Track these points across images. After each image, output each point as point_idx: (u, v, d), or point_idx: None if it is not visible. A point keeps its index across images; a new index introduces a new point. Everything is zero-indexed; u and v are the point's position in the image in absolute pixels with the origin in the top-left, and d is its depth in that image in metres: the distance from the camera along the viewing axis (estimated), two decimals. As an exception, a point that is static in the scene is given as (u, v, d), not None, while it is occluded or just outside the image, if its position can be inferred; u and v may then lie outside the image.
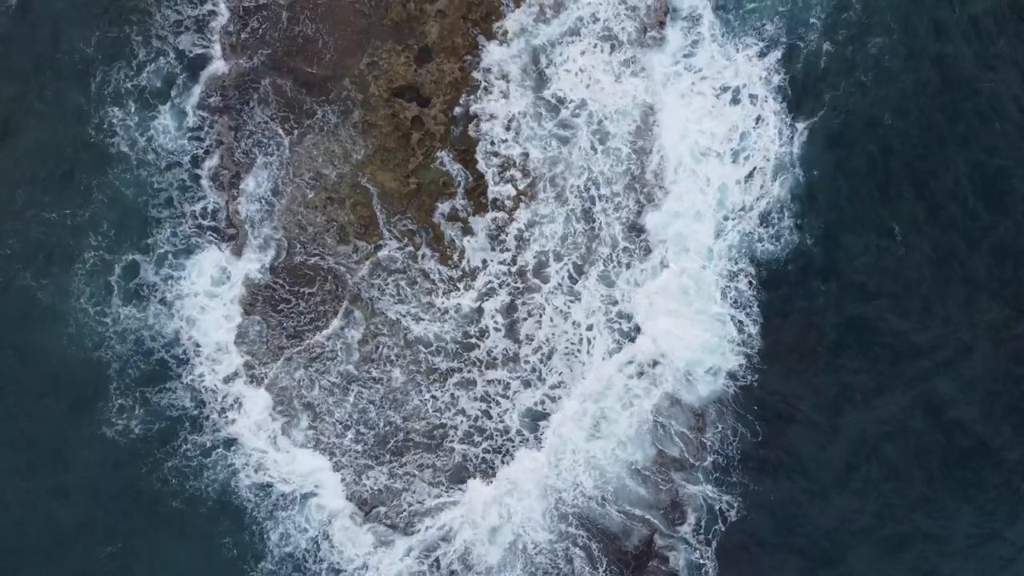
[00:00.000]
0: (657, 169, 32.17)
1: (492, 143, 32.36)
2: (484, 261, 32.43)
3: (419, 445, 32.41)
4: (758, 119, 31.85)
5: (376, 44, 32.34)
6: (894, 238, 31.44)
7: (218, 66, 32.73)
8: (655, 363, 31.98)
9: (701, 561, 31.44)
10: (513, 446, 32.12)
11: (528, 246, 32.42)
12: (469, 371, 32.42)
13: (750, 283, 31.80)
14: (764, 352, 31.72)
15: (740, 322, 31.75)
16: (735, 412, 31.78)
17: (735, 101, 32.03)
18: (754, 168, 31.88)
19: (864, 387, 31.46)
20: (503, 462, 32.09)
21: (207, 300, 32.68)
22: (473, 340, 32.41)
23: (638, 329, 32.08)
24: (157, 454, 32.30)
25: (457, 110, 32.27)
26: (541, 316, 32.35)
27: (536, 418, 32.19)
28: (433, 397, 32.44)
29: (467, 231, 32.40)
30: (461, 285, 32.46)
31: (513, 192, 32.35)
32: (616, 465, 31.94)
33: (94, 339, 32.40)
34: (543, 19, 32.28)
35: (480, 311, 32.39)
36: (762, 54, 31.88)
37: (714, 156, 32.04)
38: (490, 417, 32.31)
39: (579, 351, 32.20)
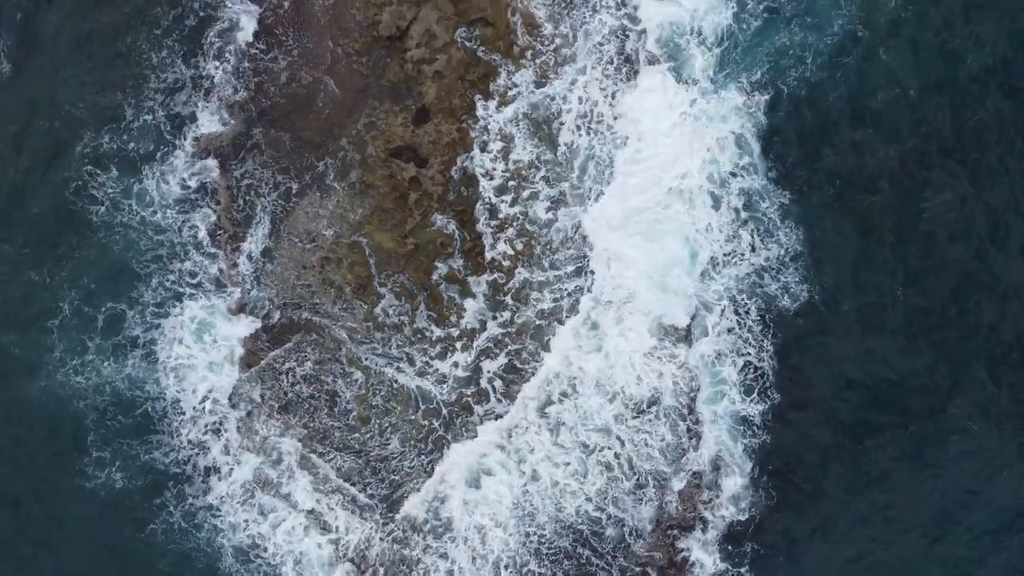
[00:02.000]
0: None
1: (490, 203, 32.21)
2: (483, 322, 32.13)
3: (409, 511, 32.05)
4: (749, 169, 31.81)
5: (374, 104, 32.32)
6: (894, 296, 31.27)
7: (215, 126, 32.63)
8: (653, 403, 31.63)
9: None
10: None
11: (528, 306, 32.14)
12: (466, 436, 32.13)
13: (752, 336, 31.62)
14: (776, 409, 31.44)
15: (744, 369, 31.55)
16: (742, 468, 31.44)
17: (725, 150, 31.97)
18: (747, 218, 31.81)
19: (883, 452, 31.19)
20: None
21: (197, 358, 32.38)
22: (470, 401, 32.06)
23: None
24: (141, 513, 31.97)
25: (455, 170, 32.18)
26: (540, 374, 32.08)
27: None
28: (426, 472, 32.11)
29: (465, 292, 32.14)
30: (459, 345, 32.12)
31: (511, 252, 32.14)
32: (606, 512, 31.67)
33: (74, 393, 32.14)
34: (540, 80, 32.25)
35: (478, 371, 32.04)
36: (755, 103, 31.80)
37: (703, 201, 31.97)
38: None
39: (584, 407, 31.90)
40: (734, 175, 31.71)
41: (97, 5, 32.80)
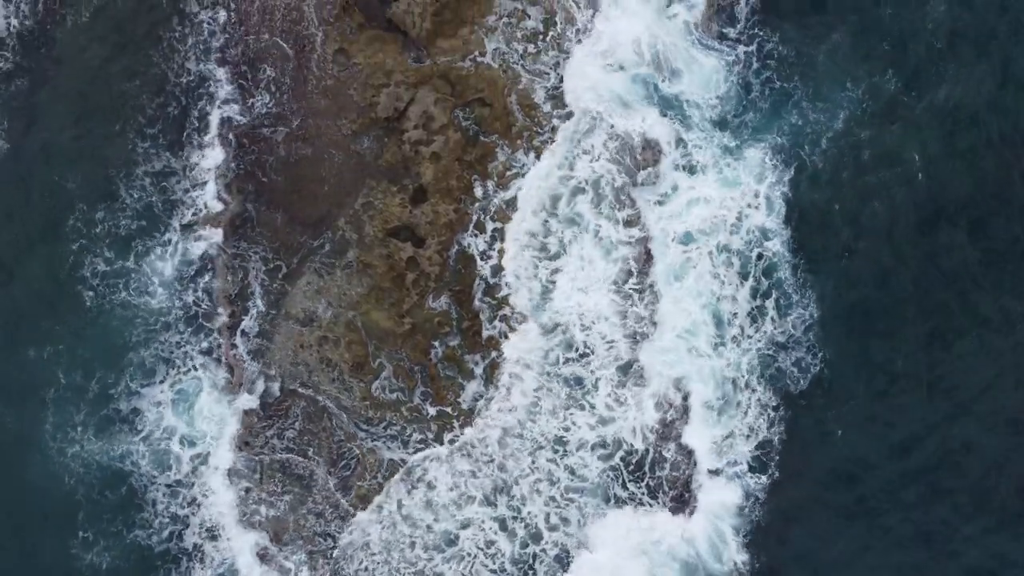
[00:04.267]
0: (650, 303, 31.95)
1: (487, 282, 32.18)
2: (480, 401, 32.02)
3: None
4: (759, 244, 31.96)
5: (371, 184, 32.39)
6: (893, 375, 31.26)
7: (211, 205, 32.75)
8: (653, 464, 31.54)
9: None
10: None
11: (522, 384, 32.00)
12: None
13: (758, 411, 31.53)
14: (777, 486, 31.28)
15: (749, 445, 31.41)
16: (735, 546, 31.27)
17: (734, 230, 32.09)
18: (766, 289, 31.86)
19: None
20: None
21: (186, 433, 32.37)
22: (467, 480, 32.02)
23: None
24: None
25: (452, 250, 32.18)
26: (536, 453, 31.90)
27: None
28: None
29: (464, 371, 32.06)
30: (457, 424, 31.98)
31: (508, 331, 32.09)
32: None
33: (64, 468, 32.11)
34: (540, 162, 32.28)
35: (473, 447, 31.96)
36: (769, 179, 31.95)
37: (716, 279, 32.02)
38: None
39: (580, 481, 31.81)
40: (750, 247, 31.91)
41: (90, 86, 33.16)
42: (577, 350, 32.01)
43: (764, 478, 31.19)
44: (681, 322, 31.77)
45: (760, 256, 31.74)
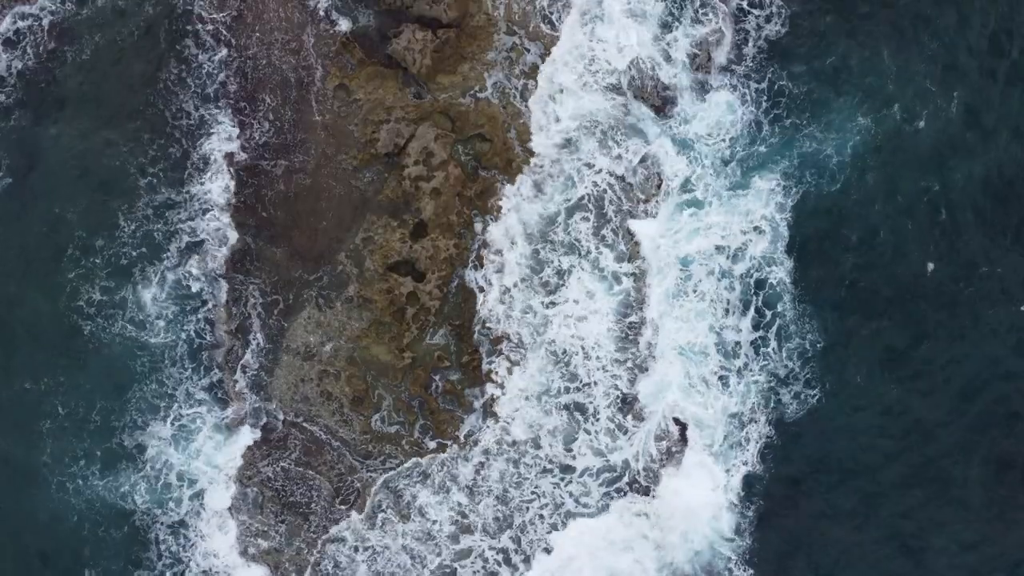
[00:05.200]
0: (651, 339, 32.10)
1: (486, 318, 32.30)
2: (479, 431, 32.14)
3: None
4: (759, 270, 32.19)
5: (372, 219, 32.47)
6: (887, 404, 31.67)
7: (212, 239, 32.80)
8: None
9: None
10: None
11: (522, 416, 32.19)
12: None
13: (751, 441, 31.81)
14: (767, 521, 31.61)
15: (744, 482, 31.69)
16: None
17: (737, 258, 32.32)
18: (765, 327, 32.07)
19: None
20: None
21: (188, 467, 32.38)
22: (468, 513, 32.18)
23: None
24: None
25: (453, 285, 32.28)
26: (534, 484, 32.06)
27: None
28: None
29: (463, 404, 32.17)
30: (455, 453, 32.13)
31: (507, 364, 32.20)
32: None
33: (67, 504, 32.10)
34: (537, 197, 32.44)
35: (474, 480, 32.14)
36: (775, 206, 32.19)
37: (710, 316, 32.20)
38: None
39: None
40: (752, 273, 32.17)
41: (91, 122, 33.14)
42: (580, 380, 32.17)
43: (762, 501, 31.59)
44: (681, 341, 32.01)
45: (761, 284, 31.99)
